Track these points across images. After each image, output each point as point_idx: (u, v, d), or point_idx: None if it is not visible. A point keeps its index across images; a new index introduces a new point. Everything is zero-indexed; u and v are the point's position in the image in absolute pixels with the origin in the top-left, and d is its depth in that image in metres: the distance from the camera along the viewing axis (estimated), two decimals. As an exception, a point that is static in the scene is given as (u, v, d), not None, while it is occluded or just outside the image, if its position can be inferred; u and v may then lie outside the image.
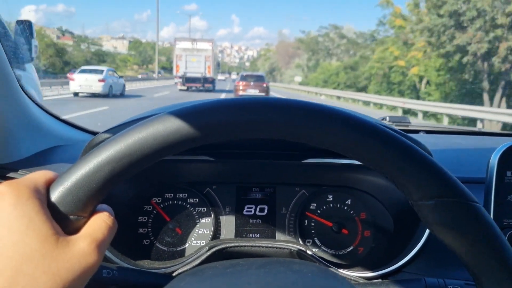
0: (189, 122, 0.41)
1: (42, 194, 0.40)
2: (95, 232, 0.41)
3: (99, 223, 0.42)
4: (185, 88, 26.28)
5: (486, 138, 1.66)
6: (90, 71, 18.22)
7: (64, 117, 1.26)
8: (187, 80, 25.83)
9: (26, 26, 1.42)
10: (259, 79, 21.50)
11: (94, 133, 1.26)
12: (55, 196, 0.40)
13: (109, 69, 19.37)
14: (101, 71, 18.38)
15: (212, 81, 27.46)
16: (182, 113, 0.42)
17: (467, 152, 1.23)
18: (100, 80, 17.62)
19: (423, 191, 0.41)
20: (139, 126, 0.42)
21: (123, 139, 0.41)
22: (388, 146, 0.41)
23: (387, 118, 1.84)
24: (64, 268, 0.37)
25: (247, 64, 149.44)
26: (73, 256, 0.37)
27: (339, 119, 0.42)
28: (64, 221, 0.40)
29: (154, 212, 0.92)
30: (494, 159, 0.77)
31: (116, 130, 0.75)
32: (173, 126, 0.41)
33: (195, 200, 0.92)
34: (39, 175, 0.42)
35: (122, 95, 19.83)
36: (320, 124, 0.41)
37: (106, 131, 0.79)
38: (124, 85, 20.74)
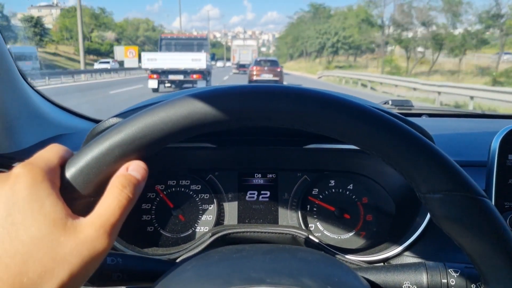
0: (200, 108, 0.41)
1: (55, 174, 0.39)
2: (104, 214, 0.39)
3: (109, 203, 0.39)
4: (237, 71, 38.87)
5: (489, 121, 1.65)
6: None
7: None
8: (239, 66, 38.18)
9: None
10: (273, 64, 21.44)
11: (97, 121, 1.27)
12: (67, 176, 0.40)
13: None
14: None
15: (257, 66, 39.91)
16: (194, 98, 0.42)
17: (469, 135, 1.22)
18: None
19: (430, 184, 0.40)
20: (150, 110, 0.42)
21: (135, 123, 0.41)
22: (397, 138, 0.41)
23: (390, 102, 1.83)
24: (71, 255, 0.36)
25: (263, 49, 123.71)
26: (81, 242, 0.36)
27: (349, 111, 0.42)
28: (74, 201, 0.40)
29: (157, 199, 0.92)
30: (495, 143, 0.77)
31: (121, 117, 0.75)
32: (184, 111, 0.41)
33: (198, 187, 0.93)
34: (53, 153, 0.41)
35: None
36: (330, 115, 0.41)
37: (111, 118, 0.79)
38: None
